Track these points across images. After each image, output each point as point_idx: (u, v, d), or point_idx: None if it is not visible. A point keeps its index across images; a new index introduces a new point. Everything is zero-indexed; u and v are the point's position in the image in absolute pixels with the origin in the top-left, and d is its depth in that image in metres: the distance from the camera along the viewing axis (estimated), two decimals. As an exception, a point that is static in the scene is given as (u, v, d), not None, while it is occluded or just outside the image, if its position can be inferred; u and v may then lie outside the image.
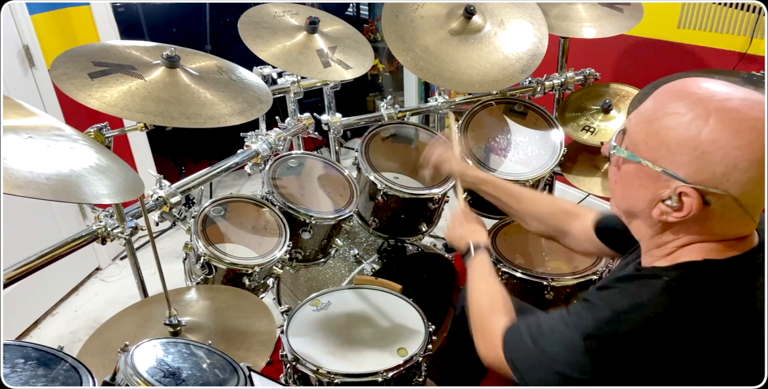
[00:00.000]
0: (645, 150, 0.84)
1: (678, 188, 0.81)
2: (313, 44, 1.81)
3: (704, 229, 0.84)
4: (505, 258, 1.85)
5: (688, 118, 0.79)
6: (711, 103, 0.79)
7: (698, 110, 0.79)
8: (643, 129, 0.84)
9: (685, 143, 0.79)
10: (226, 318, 1.40)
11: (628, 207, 0.92)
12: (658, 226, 0.88)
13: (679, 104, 0.81)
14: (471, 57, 1.92)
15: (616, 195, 0.94)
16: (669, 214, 0.84)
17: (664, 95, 0.84)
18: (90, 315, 2.50)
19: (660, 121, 0.82)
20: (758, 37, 2.18)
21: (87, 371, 0.97)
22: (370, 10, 4.25)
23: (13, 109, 1.05)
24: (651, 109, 0.84)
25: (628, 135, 0.88)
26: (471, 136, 2.08)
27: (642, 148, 0.84)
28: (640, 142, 0.85)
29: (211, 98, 1.41)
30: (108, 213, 1.50)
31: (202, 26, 3.41)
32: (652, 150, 0.83)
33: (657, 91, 0.87)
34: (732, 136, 0.76)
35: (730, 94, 0.80)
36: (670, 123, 0.80)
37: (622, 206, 0.94)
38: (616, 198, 0.95)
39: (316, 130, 2.07)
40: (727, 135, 0.77)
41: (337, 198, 1.86)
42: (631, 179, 0.87)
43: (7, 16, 2.23)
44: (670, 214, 0.84)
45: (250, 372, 1.09)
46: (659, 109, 0.83)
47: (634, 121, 0.87)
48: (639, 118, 0.86)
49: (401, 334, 1.48)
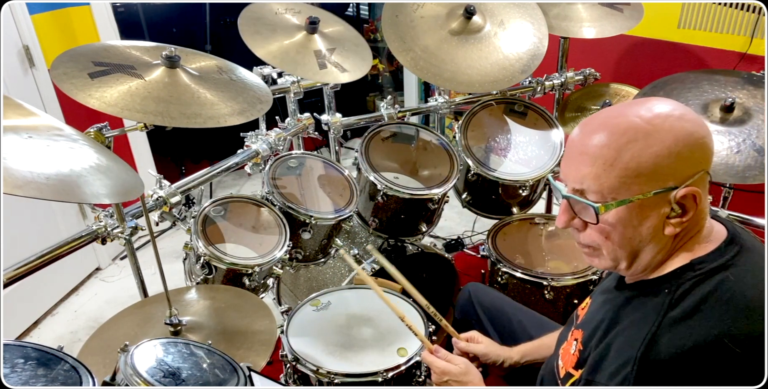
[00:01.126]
0: (627, 189, 0.84)
1: (676, 196, 0.83)
2: (312, 45, 1.81)
3: (697, 218, 0.87)
4: (505, 258, 1.85)
5: (641, 139, 0.82)
6: (639, 116, 0.84)
7: (638, 127, 0.83)
8: (609, 175, 0.84)
9: (658, 160, 0.82)
10: (226, 318, 1.40)
11: (633, 247, 0.89)
12: (669, 242, 0.88)
13: (619, 136, 0.83)
14: (471, 57, 1.92)
15: (612, 246, 0.90)
16: (681, 223, 0.85)
17: (593, 138, 0.85)
18: (90, 315, 2.50)
19: (621, 159, 0.83)
20: (758, 37, 2.18)
21: (87, 371, 0.97)
22: (370, 10, 4.25)
23: (13, 109, 1.05)
24: (600, 156, 0.84)
25: (589, 192, 0.86)
26: (471, 136, 2.08)
27: (623, 189, 0.84)
28: (616, 186, 0.84)
29: (211, 98, 1.41)
30: (108, 213, 1.50)
31: (202, 26, 3.41)
32: (633, 184, 0.83)
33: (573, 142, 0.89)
34: (681, 127, 0.82)
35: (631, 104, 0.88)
36: (632, 153, 0.82)
37: (625, 252, 0.90)
38: (613, 249, 0.90)
39: (316, 130, 2.07)
40: (677, 128, 0.82)
41: (337, 198, 1.86)
42: (628, 221, 0.86)
43: (7, 16, 2.23)
44: (681, 223, 0.85)
45: (250, 372, 1.09)
46: (606, 149, 0.84)
47: (589, 176, 0.85)
48: (592, 170, 0.85)
49: (401, 334, 1.48)
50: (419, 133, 2.08)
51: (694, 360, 0.78)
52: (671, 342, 0.80)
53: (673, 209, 0.84)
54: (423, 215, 1.97)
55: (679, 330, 0.80)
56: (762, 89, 1.69)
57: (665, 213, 0.85)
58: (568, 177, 0.89)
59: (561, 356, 1.03)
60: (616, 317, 0.91)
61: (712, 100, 1.70)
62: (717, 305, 0.81)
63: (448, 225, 3.04)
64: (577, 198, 0.88)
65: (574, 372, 0.94)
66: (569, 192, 0.89)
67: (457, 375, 1.17)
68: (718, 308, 0.81)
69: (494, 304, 1.50)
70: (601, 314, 0.95)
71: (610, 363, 0.85)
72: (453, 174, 1.96)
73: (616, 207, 0.85)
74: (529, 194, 2.06)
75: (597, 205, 0.85)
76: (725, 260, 0.85)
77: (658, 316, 0.82)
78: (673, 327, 0.81)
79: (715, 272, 0.84)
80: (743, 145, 1.59)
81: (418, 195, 1.88)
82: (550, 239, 1.95)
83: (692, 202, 0.84)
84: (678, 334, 0.80)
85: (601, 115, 0.88)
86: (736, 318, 0.80)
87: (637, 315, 0.87)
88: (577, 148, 0.88)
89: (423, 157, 2.03)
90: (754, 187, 1.65)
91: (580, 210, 0.89)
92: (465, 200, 2.14)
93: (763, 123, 1.61)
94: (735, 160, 1.57)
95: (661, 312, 0.82)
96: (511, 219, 2.03)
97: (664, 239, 0.87)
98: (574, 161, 0.88)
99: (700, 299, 0.82)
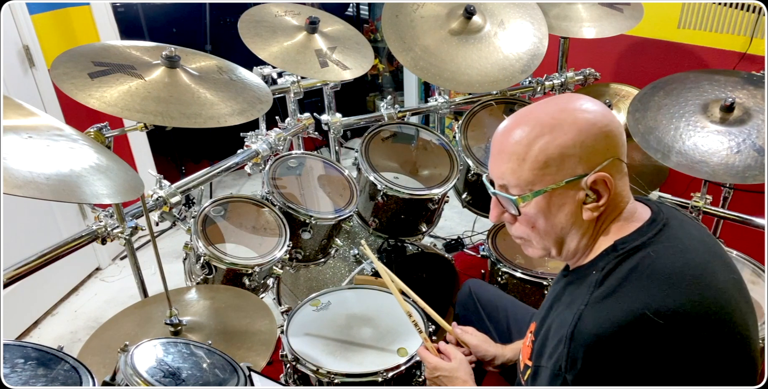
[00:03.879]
0: (540, 179, 0.90)
1: (587, 182, 0.88)
2: (313, 44, 1.81)
3: (615, 202, 0.92)
4: (505, 258, 1.85)
5: (547, 132, 0.88)
6: (546, 112, 0.90)
7: (544, 122, 0.89)
8: (523, 168, 0.90)
9: (564, 150, 0.88)
10: (226, 318, 1.40)
11: (557, 234, 0.95)
12: (591, 227, 0.93)
13: (528, 132, 0.90)
14: (471, 57, 1.92)
15: (539, 235, 0.96)
16: (597, 207, 0.90)
17: (508, 137, 0.92)
18: (90, 315, 2.50)
19: (530, 153, 0.89)
20: (758, 37, 2.18)
21: (87, 371, 0.97)
22: (370, 10, 4.25)
23: (13, 109, 1.05)
24: (514, 152, 0.91)
25: (511, 187, 0.93)
26: (471, 136, 2.08)
27: (537, 180, 0.90)
28: (531, 179, 0.90)
29: (211, 98, 1.41)
30: (108, 213, 1.50)
31: (202, 26, 3.41)
32: (545, 175, 0.89)
33: (494, 142, 0.95)
34: (584, 118, 0.88)
35: (543, 102, 0.94)
36: (539, 147, 0.89)
37: (551, 239, 0.96)
38: (540, 238, 0.96)
39: (316, 130, 2.07)
40: (580, 120, 0.88)
41: (337, 198, 1.86)
42: (546, 210, 0.92)
43: (7, 16, 2.23)
44: (597, 207, 0.90)
45: (250, 372, 1.09)
46: (518, 146, 0.90)
47: (507, 172, 0.92)
48: (509, 166, 0.91)
49: (401, 334, 1.48)
50: (419, 133, 2.08)
51: (621, 333, 0.81)
52: (596, 318, 0.83)
53: (588, 195, 0.89)
54: (423, 215, 1.97)
55: (603, 306, 0.84)
56: (762, 89, 1.69)
57: (581, 199, 0.90)
58: (492, 174, 0.96)
59: (522, 350, 1.05)
60: (555, 303, 0.96)
61: (712, 100, 1.70)
62: (638, 280, 0.84)
63: (448, 225, 3.04)
64: (500, 193, 0.95)
65: (529, 362, 0.98)
66: (496, 188, 0.96)
67: (448, 371, 1.22)
68: (639, 283, 0.84)
69: (493, 301, 1.51)
70: (548, 303, 1.01)
71: (549, 345, 0.90)
72: (453, 174, 1.96)
73: (533, 198, 0.91)
74: (529, 194, 2.06)
75: (515, 198, 0.92)
76: (647, 238, 0.89)
77: (587, 296, 0.86)
78: (598, 304, 0.84)
79: (636, 250, 0.88)
80: (743, 145, 1.59)
81: (418, 196, 1.88)
82: (550, 239, 1.95)
83: (604, 187, 0.88)
84: (602, 310, 0.83)
85: (516, 114, 0.95)
86: (657, 292, 0.83)
87: (571, 297, 0.92)
88: (497, 146, 0.94)
89: (423, 157, 2.03)
90: (754, 187, 1.65)
91: (506, 204, 0.96)
92: (465, 200, 2.14)
93: (763, 123, 1.61)
94: (735, 160, 1.57)
95: (589, 292, 0.87)
96: (511, 219, 2.03)
97: (585, 224, 0.92)
98: (495, 159, 0.95)
99: (623, 276, 0.86)
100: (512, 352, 1.32)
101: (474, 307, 1.52)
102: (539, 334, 0.96)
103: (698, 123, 1.67)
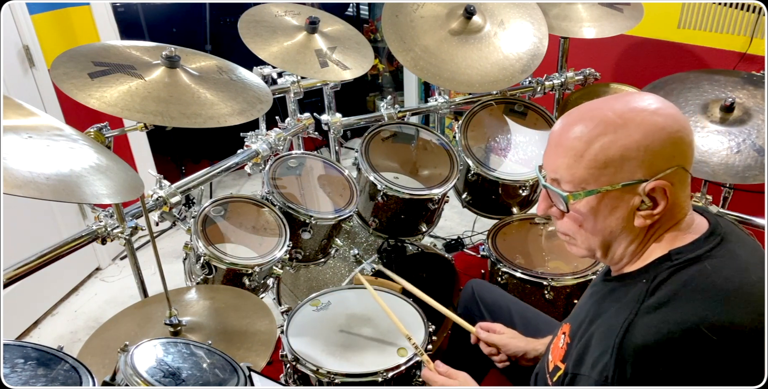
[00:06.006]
0: (596, 179, 0.86)
1: (645, 189, 0.84)
2: (313, 44, 1.81)
3: (671, 211, 0.88)
4: (505, 258, 1.85)
5: (610, 132, 0.84)
6: (614, 110, 0.86)
7: (610, 120, 0.85)
8: (579, 165, 0.87)
9: (626, 152, 0.84)
10: (226, 318, 1.40)
11: (604, 237, 0.92)
12: (641, 234, 0.90)
13: (591, 128, 0.86)
14: (471, 57, 1.92)
15: (585, 235, 0.93)
16: (651, 216, 0.87)
17: (568, 131, 0.88)
18: (90, 315, 2.50)
19: (590, 150, 0.86)
20: (758, 37, 2.18)
21: (87, 371, 0.97)
22: (370, 10, 4.25)
23: (13, 109, 1.05)
24: (572, 148, 0.87)
25: (563, 182, 0.90)
26: (471, 136, 2.08)
27: (592, 179, 0.87)
28: (585, 177, 0.87)
29: (211, 98, 1.41)
30: (108, 213, 1.50)
31: (202, 26, 3.41)
32: (602, 175, 0.86)
33: (552, 133, 0.92)
34: (653, 121, 0.83)
35: (611, 98, 0.89)
36: (600, 145, 0.85)
37: (597, 240, 0.93)
38: (587, 237, 0.94)
39: (316, 130, 2.07)
40: (649, 122, 0.83)
41: (337, 198, 1.86)
42: (597, 211, 0.89)
43: (7, 16, 2.23)
44: (651, 215, 0.87)
45: (250, 372, 1.09)
46: (577, 141, 0.87)
47: (562, 166, 0.89)
48: (564, 161, 0.88)
49: (401, 334, 1.48)
50: (419, 133, 2.08)
51: (671, 346, 0.79)
52: (647, 328, 0.80)
53: (644, 201, 0.86)
54: (423, 215, 1.97)
55: (655, 317, 0.81)
56: (762, 89, 1.69)
57: (635, 205, 0.87)
58: (546, 166, 0.93)
59: (551, 350, 1.04)
60: (599, 309, 0.93)
61: (712, 100, 1.70)
62: (693, 293, 0.82)
63: (448, 225, 3.04)
64: (551, 188, 0.92)
65: (561, 364, 0.95)
66: (547, 181, 0.93)
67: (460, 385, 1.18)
68: (694, 296, 0.82)
69: (497, 301, 1.50)
70: (587, 306, 0.97)
71: (591, 353, 0.87)
72: (453, 174, 1.96)
73: (585, 197, 0.88)
74: (529, 194, 2.06)
75: (565, 194, 0.89)
76: (703, 251, 0.86)
77: (636, 305, 0.84)
78: (649, 314, 0.82)
79: (692, 262, 0.85)
80: (743, 145, 1.59)
81: (418, 196, 1.88)
82: (550, 239, 1.95)
83: (662, 195, 0.85)
84: (654, 321, 0.81)
85: (581, 107, 0.91)
86: (712, 307, 0.80)
87: (618, 305, 0.88)
88: (554, 139, 0.91)
89: (423, 157, 2.03)
90: (754, 187, 1.65)
91: (555, 199, 0.93)
92: (465, 200, 2.14)
93: (763, 123, 1.61)
94: (735, 160, 1.57)
95: (638, 301, 0.84)
96: (511, 219, 2.03)
97: (636, 230, 0.89)
98: (551, 152, 0.91)
99: (677, 287, 0.83)
100: (545, 346, 1.28)
101: (477, 308, 1.52)
102: (577, 338, 0.93)
103: (698, 123, 1.67)
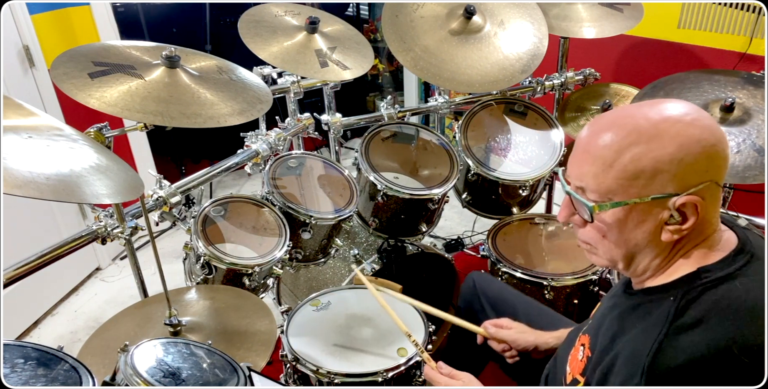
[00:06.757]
0: (624, 191, 0.83)
1: (675, 204, 0.81)
2: (313, 44, 1.81)
3: (701, 227, 0.85)
4: (505, 258, 1.85)
5: (643, 142, 0.80)
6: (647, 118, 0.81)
7: (643, 130, 0.81)
8: (607, 175, 0.83)
9: (658, 164, 0.80)
10: (226, 318, 1.40)
11: (629, 249, 0.88)
12: (668, 248, 0.87)
13: (622, 137, 0.82)
14: (471, 57, 1.92)
15: (608, 245, 0.90)
16: (679, 231, 0.83)
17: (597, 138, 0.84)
18: (90, 315, 2.50)
19: (620, 160, 0.82)
20: (758, 37, 2.18)
21: (87, 371, 0.97)
22: (370, 10, 4.25)
23: (13, 109, 1.05)
24: (601, 156, 0.83)
25: (589, 191, 0.86)
26: (471, 136, 2.08)
27: (620, 191, 0.83)
28: (613, 188, 0.83)
29: (211, 98, 1.41)
30: (108, 213, 1.50)
31: (202, 26, 3.41)
32: (631, 187, 0.82)
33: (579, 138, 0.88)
34: (689, 134, 0.79)
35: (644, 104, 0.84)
36: (631, 156, 0.81)
37: (620, 252, 0.90)
38: (610, 248, 0.90)
39: (316, 130, 2.07)
40: (684, 134, 0.79)
41: (337, 198, 1.86)
42: (623, 223, 0.85)
43: (7, 16, 2.23)
44: (679, 230, 0.83)
45: (250, 372, 1.09)
46: (607, 150, 0.83)
47: (588, 175, 0.85)
48: (591, 169, 0.84)
49: (401, 334, 1.47)
50: (419, 132, 2.08)
51: (703, 369, 0.77)
52: (678, 351, 0.78)
53: (673, 216, 0.82)
54: (423, 215, 1.97)
55: (686, 339, 0.79)
56: (762, 89, 1.69)
57: (663, 219, 0.83)
58: (571, 173, 0.89)
59: (569, 362, 1.02)
60: (622, 324, 0.89)
61: (712, 100, 1.70)
62: (724, 314, 0.79)
63: (448, 225, 3.04)
64: (576, 196, 0.88)
65: (580, 378, 0.93)
66: (571, 188, 0.89)
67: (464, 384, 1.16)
68: (726, 317, 0.79)
69: (499, 294, 1.49)
70: (607, 320, 0.94)
71: (617, 374, 0.84)
72: (453, 174, 1.96)
73: (612, 209, 0.84)
74: (529, 194, 2.06)
75: (591, 205, 0.85)
76: (733, 269, 0.83)
77: (665, 325, 0.80)
78: (680, 336, 0.79)
79: (722, 281, 0.82)
80: (743, 145, 1.59)
81: (418, 196, 1.88)
82: (550, 239, 1.95)
83: (693, 211, 0.81)
84: (685, 343, 0.78)
85: (612, 113, 0.87)
86: (744, 328, 0.78)
87: (644, 324, 0.85)
88: (582, 145, 0.87)
89: (423, 157, 2.03)
90: (754, 187, 1.65)
91: (579, 208, 0.89)
92: (465, 200, 2.14)
93: (763, 123, 1.61)
94: (735, 160, 1.57)
95: (667, 321, 0.81)
96: (511, 219, 2.03)
97: (662, 245, 0.86)
98: (578, 158, 0.87)
99: (707, 307, 0.80)
100: (555, 339, 1.26)
101: (478, 300, 1.50)
102: (597, 353, 0.90)
103: (698, 123, 1.67)
